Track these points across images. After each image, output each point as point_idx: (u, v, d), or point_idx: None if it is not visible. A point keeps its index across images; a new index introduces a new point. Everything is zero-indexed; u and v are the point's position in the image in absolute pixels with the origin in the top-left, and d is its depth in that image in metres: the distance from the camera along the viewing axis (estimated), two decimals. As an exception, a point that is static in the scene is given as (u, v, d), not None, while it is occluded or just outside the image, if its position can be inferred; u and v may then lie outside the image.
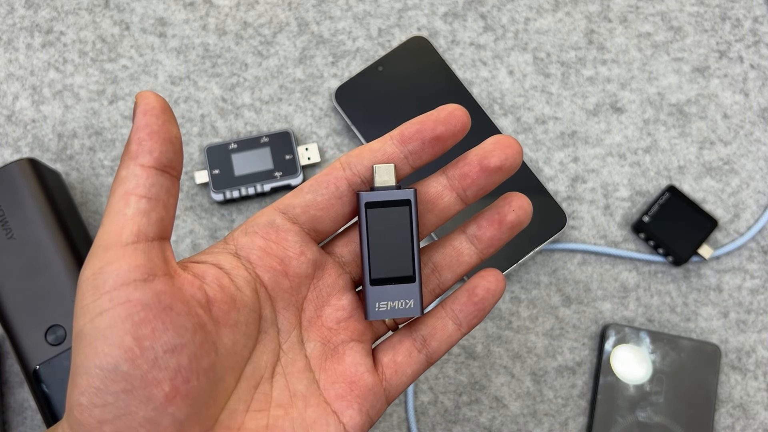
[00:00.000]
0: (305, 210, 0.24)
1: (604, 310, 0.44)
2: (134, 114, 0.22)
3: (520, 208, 0.26)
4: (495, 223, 0.26)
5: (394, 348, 0.26)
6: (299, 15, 0.49)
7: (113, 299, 0.20)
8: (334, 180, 0.24)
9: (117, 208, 0.21)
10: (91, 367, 0.19)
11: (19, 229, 0.39)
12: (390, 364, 0.25)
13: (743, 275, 0.45)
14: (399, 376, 0.25)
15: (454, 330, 0.26)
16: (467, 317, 0.26)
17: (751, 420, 0.43)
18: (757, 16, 0.49)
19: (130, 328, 0.19)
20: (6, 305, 0.38)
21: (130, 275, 0.20)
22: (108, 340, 0.19)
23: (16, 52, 0.48)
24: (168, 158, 0.22)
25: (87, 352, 0.19)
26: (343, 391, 0.24)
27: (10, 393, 0.42)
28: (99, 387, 0.19)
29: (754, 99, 0.47)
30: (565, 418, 0.43)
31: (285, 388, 0.24)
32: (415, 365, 0.26)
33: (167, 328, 0.20)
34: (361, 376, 0.25)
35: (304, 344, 0.25)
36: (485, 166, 0.25)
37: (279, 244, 0.24)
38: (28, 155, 0.46)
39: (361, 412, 0.24)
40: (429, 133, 0.24)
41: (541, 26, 0.49)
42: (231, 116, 0.47)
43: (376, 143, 0.24)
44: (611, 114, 0.47)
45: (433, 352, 0.26)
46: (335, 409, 0.24)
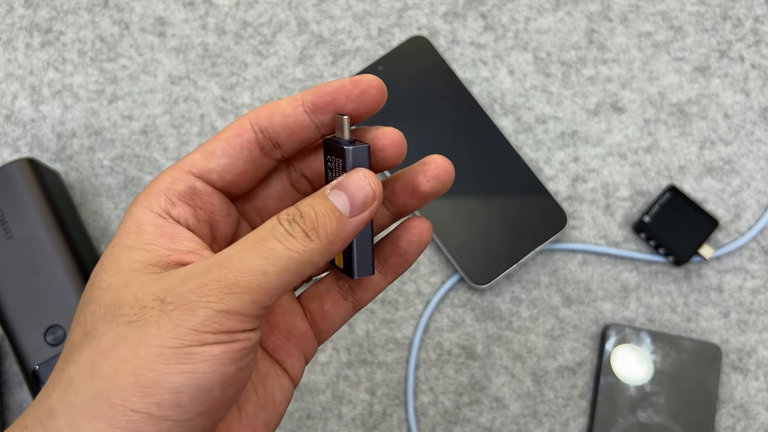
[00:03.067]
0: (221, 175, 0.23)
1: (605, 310, 0.44)
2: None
3: (435, 178, 0.24)
4: (408, 191, 0.25)
5: (320, 296, 0.26)
6: (299, 14, 0.49)
7: (234, 337, 0.20)
8: (247, 143, 0.23)
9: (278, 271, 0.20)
10: (181, 384, 0.19)
11: (18, 229, 0.39)
12: (318, 311, 0.26)
13: (744, 275, 0.45)
14: (327, 323, 0.26)
15: (380, 279, 0.26)
16: (392, 267, 0.25)
17: (751, 420, 0.43)
18: (758, 15, 0.49)
19: (236, 360, 0.20)
20: (5, 305, 0.38)
21: (255, 324, 0.20)
22: (213, 366, 0.19)
23: (15, 51, 0.48)
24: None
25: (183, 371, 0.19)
26: (280, 342, 0.25)
27: (9, 393, 0.42)
28: (182, 404, 0.19)
29: (755, 99, 0.47)
30: (565, 419, 0.43)
31: None
32: (343, 312, 0.26)
33: (255, 358, 0.21)
34: (294, 324, 0.25)
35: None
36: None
37: (206, 210, 0.23)
38: (27, 155, 0.46)
39: (300, 358, 0.25)
40: (342, 107, 0.23)
41: (541, 26, 0.48)
42: (231, 116, 0.47)
43: (287, 106, 0.23)
44: (612, 114, 0.47)
45: (360, 300, 0.26)
46: (277, 359, 0.25)
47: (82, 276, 0.39)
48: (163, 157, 0.46)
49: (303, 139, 0.24)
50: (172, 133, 0.46)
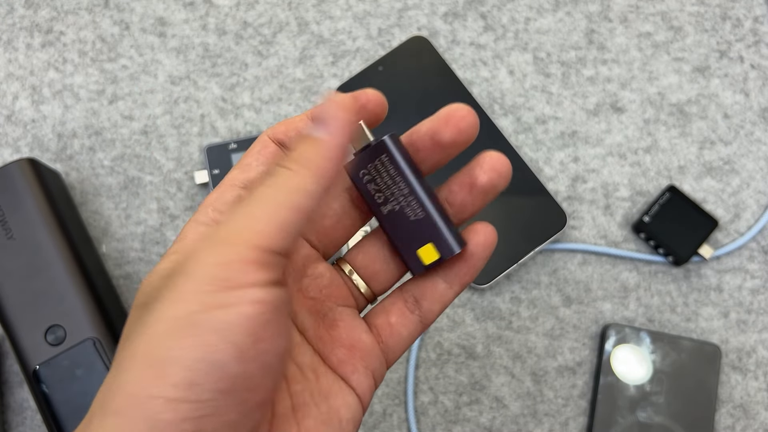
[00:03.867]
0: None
1: (605, 310, 0.44)
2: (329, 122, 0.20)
3: (492, 169, 0.23)
4: (466, 186, 0.23)
5: (386, 310, 0.25)
6: (299, 15, 0.49)
7: (241, 297, 0.18)
8: (273, 155, 0.23)
9: (269, 210, 0.19)
10: (192, 360, 0.17)
11: (18, 229, 0.39)
12: (384, 326, 0.24)
13: (744, 275, 0.45)
14: (395, 339, 0.24)
15: (445, 289, 0.24)
16: (458, 275, 0.24)
17: (751, 420, 0.43)
18: (757, 15, 0.49)
19: (252, 329, 0.18)
20: (6, 305, 0.38)
21: (261, 277, 0.19)
22: (223, 335, 0.18)
23: (15, 51, 0.48)
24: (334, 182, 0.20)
25: (191, 344, 0.18)
26: (345, 356, 0.23)
27: (9, 393, 0.42)
28: (197, 382, 0.17)
29: (755, 99, 0.47)
30: (565, 419, 0.43)
31: (292, 364, 0.23)
32: (410, 326, 0.24)
33: (282, 334, 0.19)
34: (359, 337, 0.24)
35: (294, 318, 0.24)
36: (437, 142, 0.23)
37: None
38: (27, 155, 0.46)
39: (367, 374, 0.23)
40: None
41: (541, 26, 0.48)
42: (231, 116, 0.47)
43: (300, 122, 0.23)
44: (611, 114, 0.47)
45: (426, 312, 0.24)
46: (342, 375, 0.23)
47: (83, 276, 0.39)
48: (163, 157, 0.46)
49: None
50: (172, 133, 0.46)
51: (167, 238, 0.45)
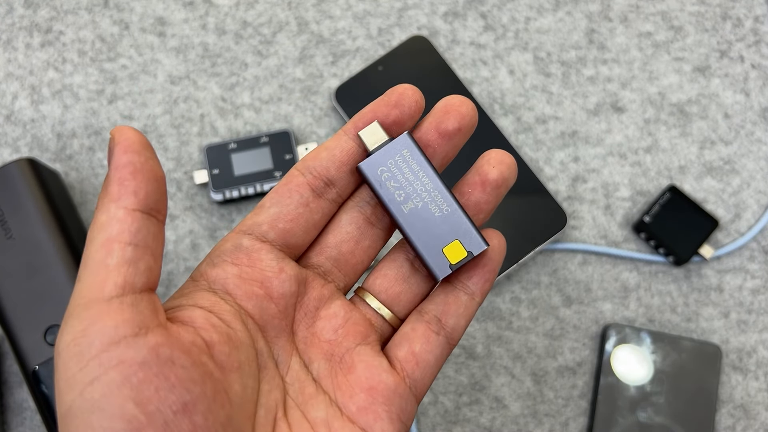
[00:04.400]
0: (272, 225, 0.22)
1: (605, 310, 0.44)
2: (111, 151, 0.19)
3: (500, 162, 0.23)
4: (477, 185, 0.23)
5: (408, 338, 0.23)
6: (299, 14, 0.49)
7: (103, 363, 0.17)
8: (296, 188, 0.22)
9: (98, 258, 0.18)
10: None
11: (18, 229, 0.39)
12: (408, 357, 0.22)
13: (744, 275, 0.45)
14: (422, 368, 0.22)
15: (468, 300, 0.23)
16: (478, 284, 0.23)
17: (752, 420, 0.43)
18: (758, 15, 0.49)
19: (129, 394, 0.17)
20: (5, 305, 0.38)
21: (119, 332, 0.17)
22: (105, 412, 0.16)
23: (15, 51, 0.48)
24: (154, 200, 0.19)
25: (79, 429, 0.17)
26: (365, 402, 0.21)
27: (9, 393, 0.42)
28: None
29: (755, 99, 0.47)
30: (565, 419, 0.43)
31: (303, 419, 0.21)
32: (437, 350, 0.23)
33: (173, 385, 0.17)
34: (379, 378, 0.22)
35: (308, 368, 0.22)
36: (443, 131, 0.23)
37: (254, 267, 0.22)
38: (27, 155, 0.46)
39: (392, 419, 0.21)
40: (383, 119, 0.23)
41: (541, 26, 0.48)
42: (230, 116, 0.47)
43: (331, 141, 0.23)
44: (612, 114, 0.47)
45: (452, 331, 0.23)
46: (362, 426, 0.21)
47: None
48: (163, 157, 0.46)
49: (354, 167, 0.23)
50: (172, 133, 0.46)
51: (167, 238, 0.45)
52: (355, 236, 0.24)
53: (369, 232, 0.24)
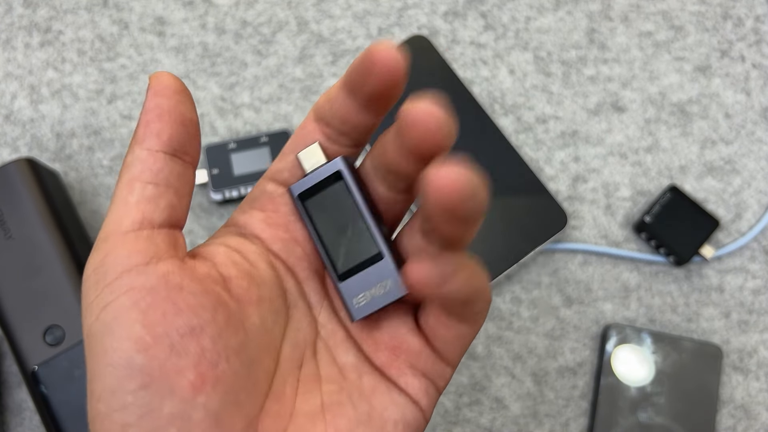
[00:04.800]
0: (292, 171, 0.22)
1: (606, 310, 0.44)
2: (146, 96, 0.20)
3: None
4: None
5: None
6: (299, 14, 0.48)
7: (115, 289, 0.18)
8: (311, 133, 0.22)
9: (121, 195, 0.19)
10: (102, 367, 0.18)
11: (17, 229, 0.39)
12: (427, 326, 0.22)
13: (745, 275, 0.44)
14: (441, 342, 0.22)
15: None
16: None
17: (752, 421, 0.42)
18: (758, 15, 0.49)
19: (137, 317, 0.18)
20: (4, 305, 0.38)
21: (131, 261, 0.18)
22: (116, 333, 0.18)
23: (14, 51, 0.47)
24: (180, 142, 0.20)
25: (97, 353, 0.18)
26: (388, 359, 0.21)
27: (8, 394, 0.42)
28: (114, 388, 0.17)
29: (756, 98, 0.47)
30: (566, 419, 0.43)
31: (332, 362, 0.21)
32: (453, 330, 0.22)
33: (180, 309, 0.18)
34: (403, 338, 0.21)
35: (338, 313, 0.22)
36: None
37: (278, 212, 0.22)
38: (26, 155, 0.46)
39: (417, 375, 0.21)
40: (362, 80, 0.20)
41: (542, 25, 0.48)
42: (230, 115, 0.46)
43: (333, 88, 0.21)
44: (612, 113, 0.47)
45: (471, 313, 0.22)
46: (389, 377, 0.21)
47: (81, 276, 0.39)
48: (162, 156, 0.46)
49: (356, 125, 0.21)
50: (171, 132, 0.46)
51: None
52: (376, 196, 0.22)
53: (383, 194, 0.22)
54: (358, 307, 0.21)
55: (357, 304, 0.21)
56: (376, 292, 0.21)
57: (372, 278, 0.21)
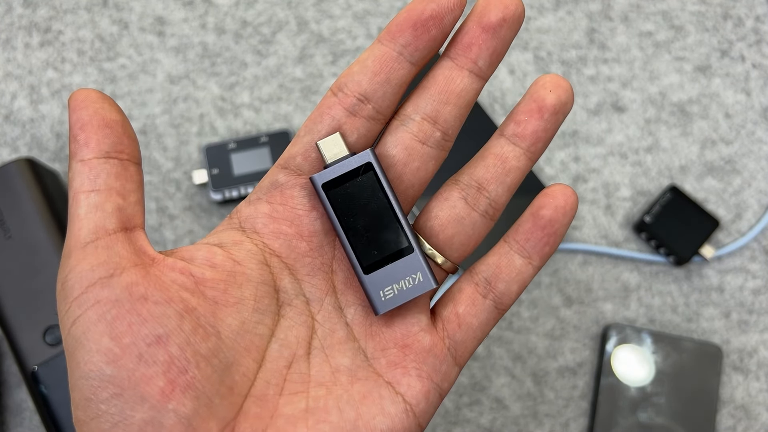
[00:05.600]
0: (306, 156, 0.21)
1: (606, 310, 0.44)
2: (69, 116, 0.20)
3: (557, 86, 0.21)
4: (534, 112, 0.21)
5: (453, 298, 0.22)
6: (299, 14, 0.48)
7: (82, 304, 0.19)
8: (327, 110, 0.21)
9: (71, 211, 0.20)
10: (77, 379, 0.18)
11: (17, 229, 0.39)
12: (451, 317, 0.22)
13: (745, 275, 0.44)
14: (464, 330, 0.21)
15: (523, 265, 0.22)
16: (536, 246, 0.22)
17: (753, 421, 0.42)
18: (759, 15, 0.49)
19: (104, 329, 0.18)
20: (4, 305, 0.38)
21: (94, 274, 0.19)
22: (85, 347, 0.18)
23: (14, 51, 0.47)
24: (108, 143, 0.20)
25: (72, 366, 0.19)
26: (396, 358, 0.21)
27: (8, 394, 0.42)
28: (89, 398, 0.18)
29: (756, 98, 0.47)
30: (566, 419, 0.43)
31: (325, 363, 0.21)
32: (482, 314, 0.22)
33: (145, 319, 0.19)
34: (414, 336, 0.21)
35: (342, 310, 0.22)
36: (486, 25, 0.21)
37: (285, 205, 0.21)
38: (26, 155, 0.46)
39: (422, 377, 0.21)
40: (419, 15, 0.20)
41: (542, 25, 0.48)
42: (230, 115, 0.46)
43: (364, 52, 0.21)
44: (612, 113, 0.47)
45: (501, 296, 0.22)
46: (389, 380, 0.21)
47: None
48: (162, 156, 0.46)
49: (390, 76, 0.21)
50: (171, 132, 0.46)
51: (166, 238, 0.45)
52: (402, 159, 0.22)
53: (418, 151, 0.22)
54: (384, 300, 0.21)
55: (383, 297, 0.21)
56: (404, 285, 0.21)
57: (401, 271, 0.21)
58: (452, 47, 0.21)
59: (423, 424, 0.21)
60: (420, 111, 0.21)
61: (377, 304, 0.21)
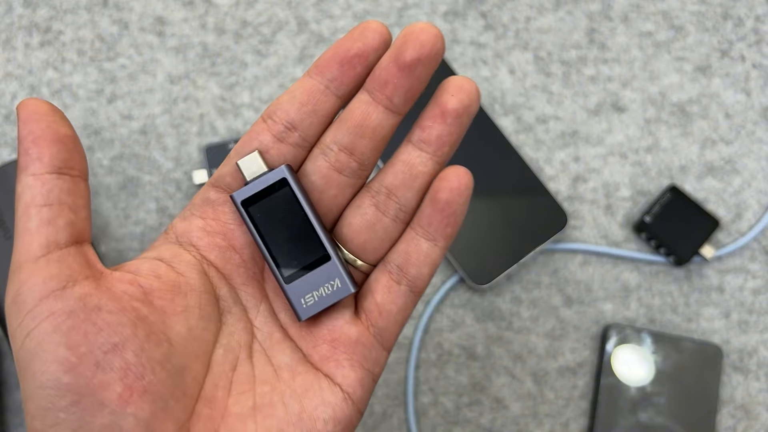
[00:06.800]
0: (235, 176, 0.23)
1: (606, 310, 0.44)
2: (18, 126, 0.21)
3: (459, 90, 0.22)
4: (438, 117, 0.22)
5: (371, 289, 0.23)
6: (299, 14, 0.48)
7: (36, 316, 0.19)
8: (256, 135, 0.22)
9: (21, 225, 0.20)
10: (33, 390, 0.19)
11: (16, 229, 0.39)
12: (371, 306, 0.23)
13: (745, 275, 0.44)
14: (385, 317, 0.23)
15: (430, 247, 0.23)
16: (438, 228, 0.23)
17: (753, 421, 0.42)
18: (759, 15, 0.49)
19: (60, 340, 0.19)
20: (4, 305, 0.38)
21: (47, 287, 0.19)
22: (41, 357, 0.19)
23: (14, 51, 0.47)
24: (61, 159, 0.21)
25: (26, 377, 0.19)
26: (327, 352, 0.22)
27: (8, 394, 0.42)
28: (47, 407, 0.19)
29: (756, 98, 0.47)
30: (566, 419, 0.43)
31: (267, 363, 0.22)
32: (399, 300, 0.23)
33: (100, 329, 0.19)
34: (341, 330, 0.23)
35: (277, 315, 0.23)
36: (402, 64, 0.21)
37: (217, 220, 0.23)
38: (26, 155, 0.46)
39: (354, 367, 0.22)
40: (345, 53, 0.21)
41: (542, 25, 0.48)
42: (230, 115, 0.46)
43: (295, 83, 0.22)
44: (612, 113, 0.47)
45: (414, 279, 0.23)
46: (326, 372, 0.22)
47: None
48: (162, 156, 0.46)
49: (317, 107, 0.22)
50: (171, 132, 0.46)
51: (166, 238, 0.45)
52: (320, 186, 0.23)
53: (335, 180, 0.23)
54: (305, 307, 0.22)
55: (304, 304, 0.22)
56: (323, 291, 0.22)
57: (319, 279, 0.22)
58: (371, 80, 0.22)
59: (362, 409, 0.22)
60: (338, 142, 0.22)
61: (299, 311, 0.22)
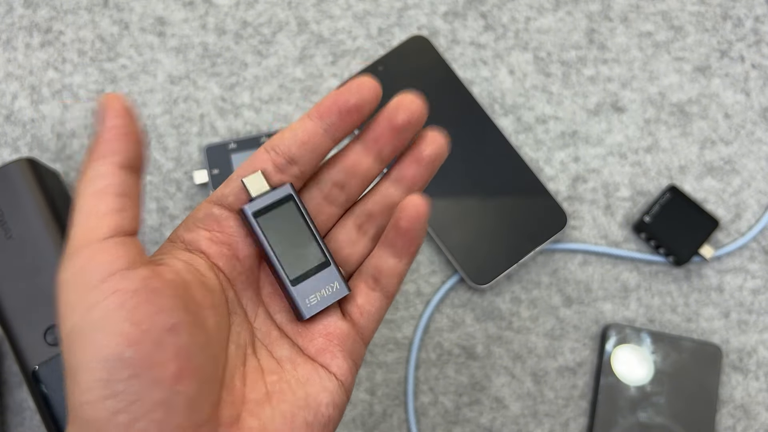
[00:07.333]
0: (237, 196, 0.25)
1: (605, 310, 0.44)
2: (100, 115, 0.23)
3: (433, 141, 0.27)
4: (414, 161, 0.27)
5: (352, 293, 0.27)
6: (299, 14, 0.49)
7: (103, 291, 0.20)
8: (260, 162, 0.25)
9: (89, 207, 0.22)
10: (93, 361, 0.20)
11: (17, 229, 0.39)
12: (353, 308, 0.27)
13: (744, 275, 0.44)
14: (365, 317, 0.27)
15: (396, 263, 0.26)
16: (402, 249, 0.26)
17: (752, 421, 0.42)
18: (758, 15, 0.49)
19: (126, 315, 0.20)
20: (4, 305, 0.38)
21: (114, 265, 0.21)
22: (106, 330, 0.20)
23: (15, 51, 0.48)
24: (134, 158, 0.23)
25: (86, 348, 0.20)
26: (323, 345, 0.26)
27: (8, 394, 0.42)
28: (106, 378, 0.20)
29: (756, 98, 0.47)
30: (565, 419, 0.43)
31: (270, 357, 0.25)
32: (376, 303, 0.27)
33: (160, 309, 0.21)
34: (334, 325, 0.26)
35: (272, 317, 0.26)
36: (394, 125, 0.26)
37: (223, 232, 0.25)
38: (27, 155, 0.46)
39: (345, 358, 0.26)
40: (344, 103, 0.25)
41: (541, 25, 0.48)
42: (230, 116, 0.47)
43: (296, 122, 0.26)
44: (612, 113, 0.47)
45: (385, 287, 0.27)
46: (322, 363, 0.25)
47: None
48: (162, 156, 0.46)
49: (315, 147, 0.26)
50: (171, 132, 0.46)
51: (166, 238, 0.45)
52: (312, 212, 0.27)
53: (326, 208, 0.27)
54: (309, 306, 0.26)
55: (309, 304, 0.26)
56: (324, 292, 0.26)
57: (320, 282, 0.26)
58: (366, 133, 0.27)
59: (349, 394, 0.26)
60: (332, 178, 0.27)
61: (303, 309, 0.26)
